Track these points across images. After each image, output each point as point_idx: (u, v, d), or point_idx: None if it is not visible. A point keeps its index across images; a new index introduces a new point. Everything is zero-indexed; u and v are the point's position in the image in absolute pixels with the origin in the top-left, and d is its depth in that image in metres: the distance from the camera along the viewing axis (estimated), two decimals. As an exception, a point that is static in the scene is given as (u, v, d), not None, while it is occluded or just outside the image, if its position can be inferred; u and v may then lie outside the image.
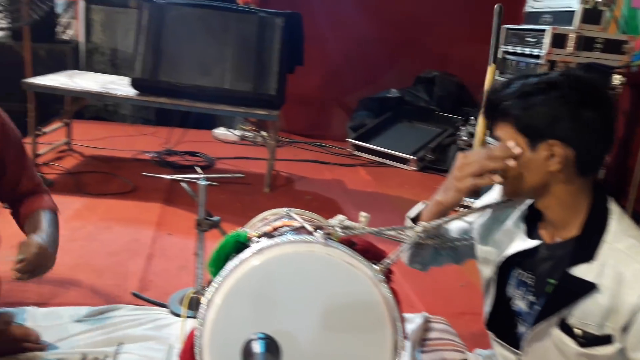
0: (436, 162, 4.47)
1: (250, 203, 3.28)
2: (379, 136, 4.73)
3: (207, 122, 5.15)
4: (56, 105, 4.01)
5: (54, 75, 3.57)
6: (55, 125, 3.81)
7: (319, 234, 1.09)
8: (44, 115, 3.56)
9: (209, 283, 1.11)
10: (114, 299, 2.03)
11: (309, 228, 1.14)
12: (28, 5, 2.91)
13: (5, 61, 3.95)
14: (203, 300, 1.05)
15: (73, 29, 6.31)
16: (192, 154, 4.13)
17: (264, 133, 4.63)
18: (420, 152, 4.47)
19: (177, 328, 1.81)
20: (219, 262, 1.17)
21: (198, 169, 3.48)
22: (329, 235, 1.10)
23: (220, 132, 4.90)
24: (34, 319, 1.81)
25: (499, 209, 1.29)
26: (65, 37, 6.12)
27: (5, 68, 3.84)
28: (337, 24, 4.85)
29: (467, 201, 1.48)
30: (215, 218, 1.94)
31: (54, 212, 1.68)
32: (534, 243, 1.20)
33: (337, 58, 4.97)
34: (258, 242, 1.11)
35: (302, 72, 3.68)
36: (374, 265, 1.08)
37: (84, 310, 1.88)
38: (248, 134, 4.90)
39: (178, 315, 1.92)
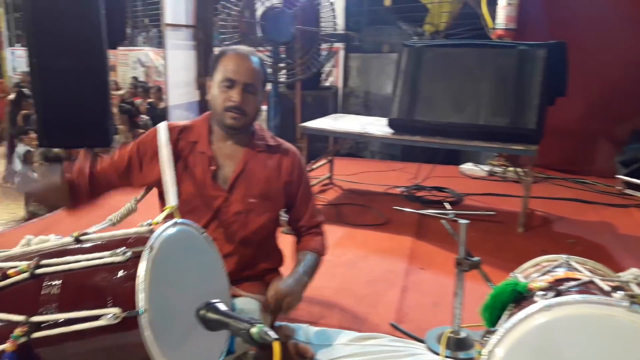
0: None
1: (503, 243, 3.12)
2: (659, 173, 4.02)
3: (454, 158, 5.14)
4: (320, 144, 4.52)
5: (321, 118, 4.05)
6: (321, 162, 4.28)
7: (619, 295, 0.96)
8: (311, 154, 4.05)
9: (487, 332, 1.07)
10: (373, 327, 2.14)
11: (605, 287, 1.01)
12: (303, 64, 3.39)
13: (281, 107, 4.64)
14: (484, 350, 1.02)
15: (333, 76, 7.10)
16: (440, 189, 4.16)
17: (514, 168, 4.39)
18: None
19: (435, 366, 1.82)
20: (494, 310, 1.13)
21: (447, 205, 3.47)
22: (633, 299, 0.96)
23: (468, 167, 4.82)
24: (307, 336, 2.02)
25: None
26: (326, 84, 6.93)
27: (281, 113, 4.52)
28: (605, 48, 4.34)
29: None
30: (476, 259, 1.89)
31: (320, 254, 1.86)
32: None
33: (604, 85, 4.42)
34: (544, 295, 1.04)
35: (562, 102, 3.40)
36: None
37: (349, 334, 2.02)
38: (497, 169, 4.71)
39: (435, 353, 1.92)
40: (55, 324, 1.05)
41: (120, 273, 1.07)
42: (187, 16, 5.44)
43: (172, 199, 1.50)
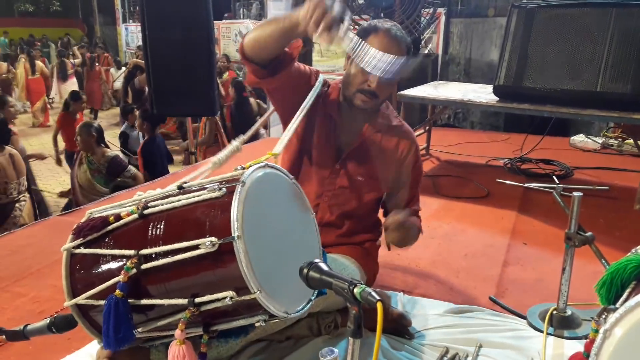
0: None
1: (617, 220, 2.89)
2: None
3: (564, 129, 4.80)
4: (416, 113, 4.42)
5: (420, 86, 3.94)
6: (418, 132, 4.18)
7: None
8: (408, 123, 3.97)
9: (603, 309, 1.00)
10: (471, 300, 2.09)
11: None
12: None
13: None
14: (601, 329, 0.95)
15: (432, 43, 6.85)
16: (547, 162, 3.91)
17: (632, 140, 4.01)
18: None
19: (538, 343, 1.75)
20: (613, 287, 1.06)
21: (555, 179, 3.26)
22: None
23: (579, 139, 4.48)
24: (402, 304, 2.02)
25: None
26: (425, 51, 6.70)
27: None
28: None
29: None
30: (588, 234, 1.77)
31: (419, 229, 1.79)
32: None
33: None
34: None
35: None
36: None
37: (445, 305, 1.99)
38: (612, 141, 4.33)
39: (537, 330, 1.84)
40: (161, 255, 1.15)
41: (216, 206, 1.15)
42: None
43: (278, 147, 1.48)
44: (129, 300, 1.16)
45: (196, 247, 1.10)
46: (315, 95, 1.67)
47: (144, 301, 1.17)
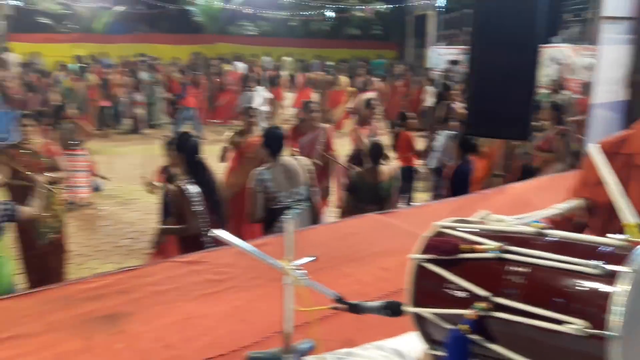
0: None
1: None
2: None
3: None
4: None
5: None
6: None
7: None
8: None
9: None
10: None
11: None
12: None
13: None
14: None
15: None
16: None
17: None
18: None
19: None
20: None
21: None
22: None
23: None
24: None
25: None
26: None
27: None
28: None
29: None
30: None
31: None
32: None
33: None
34: None
35: None
36: None
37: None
38: None
39: None
40: (516, 312, 1.12)
41: (593, 286, 1.06)
42: (626, 8, 4.94)
43: (629, 216, 1.42)
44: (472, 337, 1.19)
45: (558, 321, 1.05)
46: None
47: (488, 345, 1.18)
